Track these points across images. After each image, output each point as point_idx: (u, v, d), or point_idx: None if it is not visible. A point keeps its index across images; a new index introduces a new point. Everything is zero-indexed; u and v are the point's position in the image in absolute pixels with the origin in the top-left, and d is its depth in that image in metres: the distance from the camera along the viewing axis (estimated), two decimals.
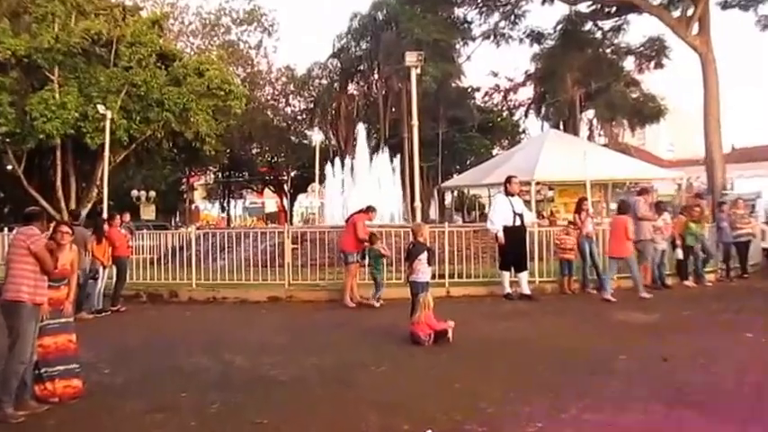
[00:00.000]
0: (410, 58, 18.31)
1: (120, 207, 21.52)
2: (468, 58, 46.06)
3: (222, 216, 61.84)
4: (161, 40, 28.26)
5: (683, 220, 15.65)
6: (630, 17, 38.72)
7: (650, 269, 14.77)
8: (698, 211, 15.98)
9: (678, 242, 15.33)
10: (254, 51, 47.88)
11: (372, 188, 24.37)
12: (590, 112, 47.67)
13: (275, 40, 54.62)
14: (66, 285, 7.22)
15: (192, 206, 59.15)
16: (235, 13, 45.60)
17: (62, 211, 25.93)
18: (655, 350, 8.58)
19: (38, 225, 6.92)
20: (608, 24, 40.72)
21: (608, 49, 42.99)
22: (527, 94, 51.61)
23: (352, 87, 49.42)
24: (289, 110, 52.45)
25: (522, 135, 52.58)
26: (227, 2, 45.17)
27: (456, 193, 43.12)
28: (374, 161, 27.82)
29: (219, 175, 56.92)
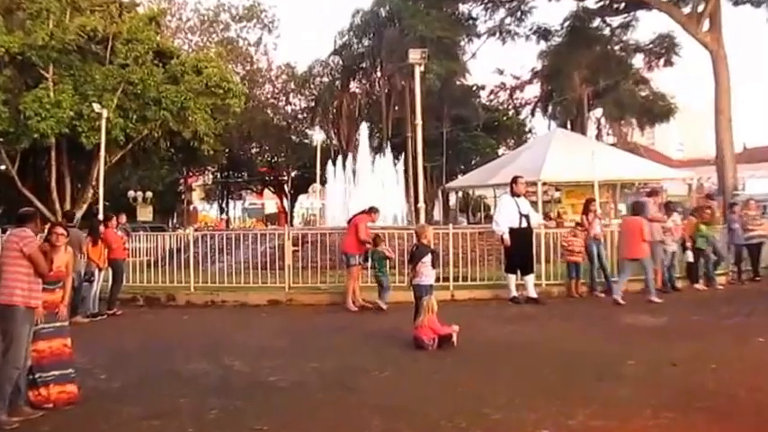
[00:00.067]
0: (413, 55, 18.33)
1: (117, 208, 21.48)
2: (473, 55, 46.29)
3: (222, 217, 61.89)
4: (158, 37, 28.35)
5: (693, 222, 15.63)
6: (639, 13, 38.87)
7: (660, 272, 14.75)
8: (709, 212, 15.95)
9: (688, 244, 15.31)
10: (253, 48, 48.08)
11: (375, 189, 24.38)
12: (598, 111, 47.72)
13: (275, 36, 54.55)
14: (62, 288, 7.21)
15: (190, 207, 59.25)
16: (234, 10, 45.82)
17: (57, 212, 25.93)
18: (664, 355, 8.57)
19: (31, 226, 6.92)
20: (616, 21, 40.85)
21: (616, 47, 43.08)
22: (533, 92, 51.80)
23: (354, 85, 49.50)
24: (289, 108, 52.58)
25: (529, 134, 52.68)
26: None
27: (461, 193, 43.10)
28: (377, 161, 27.83)
29: (218, 175, 57.00)
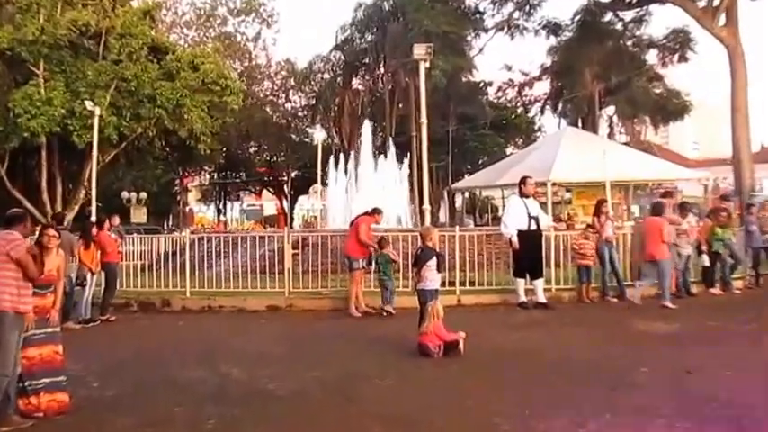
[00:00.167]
0: (418, 50, 18.32)
1: (109, 210, 21.54)
2: (481, 50, 46.28)
3: (222, 219, 61.99)
4: (153, 32, 28.37)
5: (709, 225, 15.61)
6: (653, 8, 38.84)
7: (674, 276, 14.73)
8: (725, 215, 15.92)
9: (704, 248, 15.30)
10: (251, 44, 48.16)
11: (378, 189, 24.41)
12: (610, 109, 47.64)
13: (274, 31, 55.11)
14: (53, 293, 7.22)
15: (186, 209, 59.34)
16: (231, 3, 45.93)
17: (47, 213, 25.87)
18: (679, 362, 8.56)
19: (19, 228, 6.92)
20: (629, 15, 40.81)
21: (629, 42, 43.02)
22: (543, 89, 51.74)
23: (356, 82, 49.53)
24: (289, 106, 52.68)
25: (538, 133, 52.75)
26: None
27: (467, 194, 43.14)
28: (380, 161, 27.87)
29: (215, 175, 57.15)
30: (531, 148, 33.67)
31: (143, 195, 43.80)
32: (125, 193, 42.87)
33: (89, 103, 21.92)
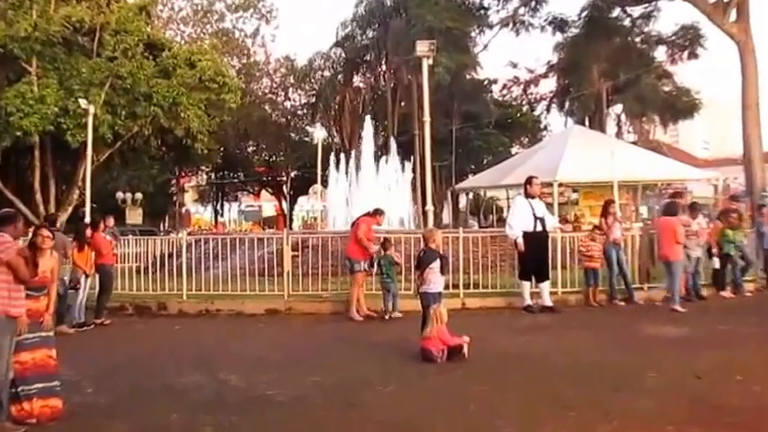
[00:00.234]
0: (421, 47, 18.33)
1: (104, 210, 21.54)
2: (485, 47, 46.34)
3: (220, 220, 61.98)
4: (149, 28, 28.43)
5: (719, 227, 15.61)
6: (661, 3, 38.94)
7: (683, 279, 14.72)
8: (735, 216, 15.90)
9: (714, 250, 15.30)
10: (250, 40, 48.16)
11: (380, 190, 24.42)
12: (618, 107, 47.64)
13: (273, 27, 54.83)
14: (46, 296, 7.22)
15: (183, 209, 59.31)
16: None
17: (41, 214, 26.00)
18: (687, 366, 8.57)
19: (10, 230, 6.89)
20: (637, 11, 40.81)
21: (637, 38, 43.03)
22: (549, 86, 51.78)
23: (357, 79, 49.58)
24: (288, 104, 52.69)
25: (544, 132, 52.70)
26: None
27: (471, 195, 43.18)
28: (382, 160, 27.87)
29: (212, 175, 57.13)
30: (537, 148, 33.62)
31: (138, 196, 43.78)
32: (120, 194, 42.80)
33: (83, 102, 21.95)
